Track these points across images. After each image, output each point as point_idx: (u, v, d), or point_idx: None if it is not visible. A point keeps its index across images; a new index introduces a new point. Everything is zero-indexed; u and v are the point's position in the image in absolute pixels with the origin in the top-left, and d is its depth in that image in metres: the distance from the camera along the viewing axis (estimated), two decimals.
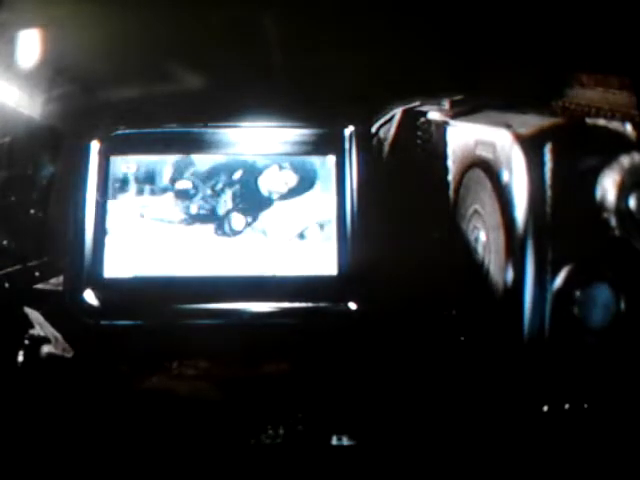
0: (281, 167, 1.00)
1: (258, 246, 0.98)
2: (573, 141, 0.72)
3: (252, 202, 0.99)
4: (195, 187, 0.99)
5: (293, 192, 1.00)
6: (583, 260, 0.71)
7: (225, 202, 0.99)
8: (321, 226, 0.99)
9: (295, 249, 0.98)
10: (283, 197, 1.00)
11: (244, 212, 0.99)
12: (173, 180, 0.99)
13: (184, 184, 0.99)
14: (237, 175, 1.00)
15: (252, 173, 1.00)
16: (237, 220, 0.99)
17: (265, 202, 1.00)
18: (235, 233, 0.99)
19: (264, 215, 0.99)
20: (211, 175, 1.00)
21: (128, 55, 0.99)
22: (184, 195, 0.99)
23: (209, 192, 0.99)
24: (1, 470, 0.75)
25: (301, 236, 0.99)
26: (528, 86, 0.93)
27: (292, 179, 1.00)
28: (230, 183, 1.00)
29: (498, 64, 1.00)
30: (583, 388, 0.72)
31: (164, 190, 0.99)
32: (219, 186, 1.00)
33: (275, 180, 1.00)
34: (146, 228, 0.98)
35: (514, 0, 0.97)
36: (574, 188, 0.71)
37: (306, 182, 1.00)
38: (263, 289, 0.97)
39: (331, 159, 1.00)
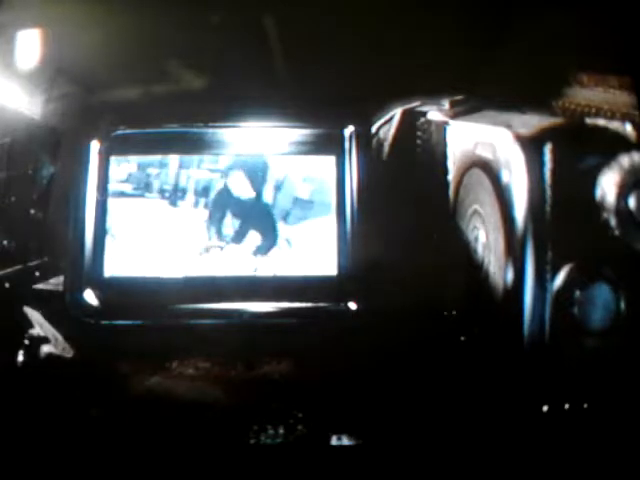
0: (279, 167, 1.00)
1: (258, 245, 0.98)
2: (573, 141, 0.72)
3: (251, 201, 1.00)
4: (195, 187, 0.99)
5: (292, 192, 1.00)
6: (583, 260, 0.71)
7: (225, 201, 0.99)
8: (321, 226, 0.99)
9: (295, 249, 0.98)
10: (282, 196, 1.00)
11: (244, 211, 0.99)
12: (173, 180, 0.99)
13: (184, 184, 0.99)
14: (236, 175, 1.00)
15: (251, 173, 1.00)
16: (236, 220, 0.99)
17: (263, 201, 1.00)
18: (235, 232, 0.99)
19: (264, 214, 0.99)
20: (212, 175, 1.00)
21: (128, 55, 0.99)
22: (184, 195, 0.99)
23: (209, 192, 0.99)
24: (1, 470, 0.75)
25: (301, 236, 0.99)
26: (528, 86, 0.93)
27: (291, 179, 1.00)
28: (229, 182, 1.00)
29: (498, 64, 1.00)
30: (583, 388, 0.72)
31: (164, 190, 0.99)
32: (219, 186, 1.00)
33: (273, 180, 1.00)
34: (146, 228, 0.98)
35: (514, 1, 0.97)
36: (574, 188, 0.71)
37: (306, 182, 1.00)
38: (263, 289, 0.97)
39: (331, 159, 1.00)
